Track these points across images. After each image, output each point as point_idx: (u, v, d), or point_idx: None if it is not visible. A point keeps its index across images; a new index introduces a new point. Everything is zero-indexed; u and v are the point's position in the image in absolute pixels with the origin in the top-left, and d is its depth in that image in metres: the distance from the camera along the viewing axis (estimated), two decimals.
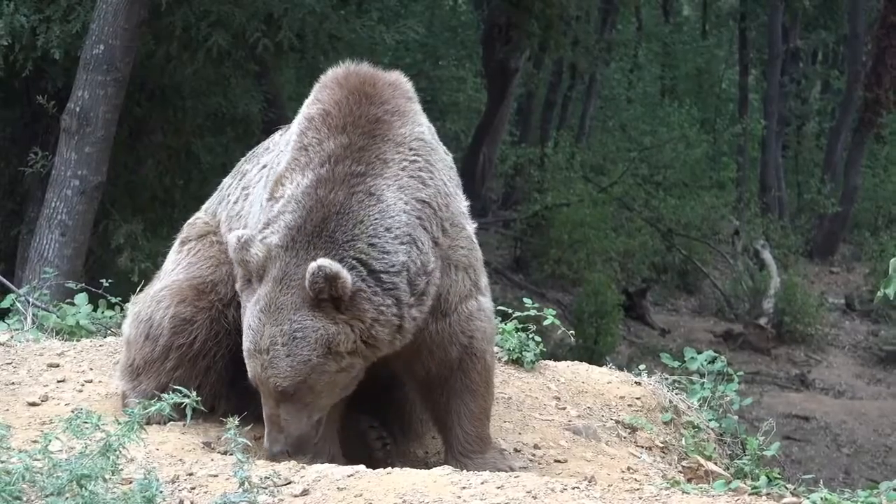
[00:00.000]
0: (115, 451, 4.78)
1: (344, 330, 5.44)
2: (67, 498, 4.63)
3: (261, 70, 18.83)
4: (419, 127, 5.91)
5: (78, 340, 7.67)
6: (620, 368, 7.94)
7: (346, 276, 5.38)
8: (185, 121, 18.18)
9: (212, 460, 5.58)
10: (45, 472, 4.72)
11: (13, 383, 6.52)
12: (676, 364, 7.85)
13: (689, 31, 45.05)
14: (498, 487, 5.08)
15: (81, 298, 8.55)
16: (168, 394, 5.09)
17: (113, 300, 8.71)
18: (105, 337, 7.87)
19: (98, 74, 14.21)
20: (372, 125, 5.77)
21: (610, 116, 40.32)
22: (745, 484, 6.17)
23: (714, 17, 44.67)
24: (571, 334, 8.50)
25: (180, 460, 5.58)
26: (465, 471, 5.46)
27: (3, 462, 4.75)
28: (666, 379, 7.70)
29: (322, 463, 5.54)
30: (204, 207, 6.64)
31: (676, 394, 7.61)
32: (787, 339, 29.38)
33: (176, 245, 6.49)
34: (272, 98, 19.47)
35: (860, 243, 35.93)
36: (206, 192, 6.88)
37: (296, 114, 6.04)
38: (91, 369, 6.83)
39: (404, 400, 6.32)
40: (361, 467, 5.39)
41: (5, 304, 8.72)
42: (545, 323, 7.88)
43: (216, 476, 5.35)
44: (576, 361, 7.97)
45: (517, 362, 7.56)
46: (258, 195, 5.99)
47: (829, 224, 35.36)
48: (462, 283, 5.88)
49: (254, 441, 5.82)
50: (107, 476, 4.71)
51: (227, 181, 6.57)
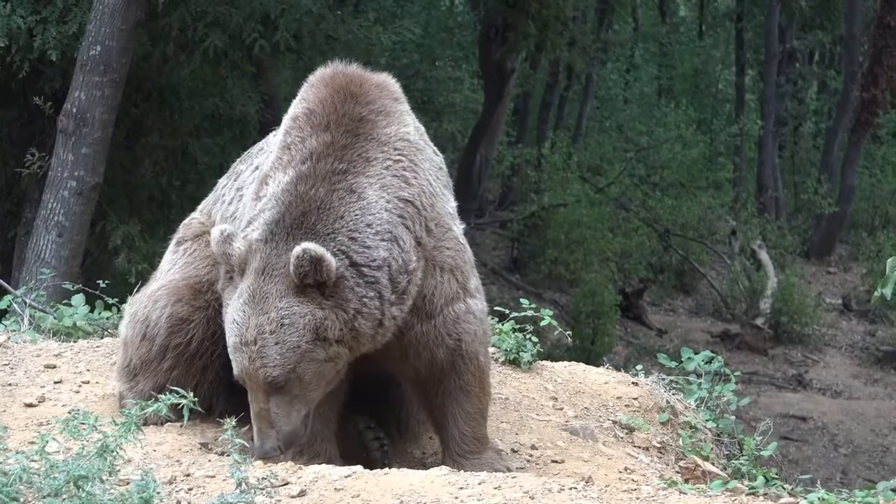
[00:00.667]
0: (113, 452, 4.77)
1: (330, 315, 5.41)
2: (65, 499, 4.63)
3: (257, 71, 18.83)
4: (405, 127, 5.89)
5: (75, 341, 7.67)
6: (617, 369, 7.95)
7: (331, 259, 5.36)
8: (182, 122, 18.19)
9: (209, 461, 5.57)
10: (43, 473, 4.72)
11: (10, 384, 6.52)
12: (673, 364, 7.85)
13: (685, 32, 45.08)
14: (495, 488, 5.08)
15: (78, 299, 8.55)
16: (165, 394, 5.09)
17: (110, 301, 8.70)
18: (102, 338, 7.86)
19: (95, 75, 14.20)
20: (356, 124, 5.75)
21: (607, 117, 40.32)
22: (742, 484, 6.18)
23: (711, 17, 44.69)
24: (568, 335, 8.51)
25: (177, 461, 5.58)
26: (462, 471, 5.46)
27: (0, 463, 4.75)
28: (663, 379, 7.71)
29: (319, 464, 5.53)
30: (200, 208, 6.64)
31: (674, 394, 7.61)
32: (785, 339, 29.38)
33: (172, 245, 6.49)
34: (269, 99, 19.47)
35: (857, 243, 35.93)
36: (202, 192, 6.88)
37: None
38: (88, 370, 6.82)
39: (401, 400, 6.32)
40: (359, 468, 5.39)
41: (2, 305, 8.70)
42: (542, 323, 7.88)
43: (213, 477, 5.35)
44: (573, 362, 7.97)
45: (514, 363, 7.56)
46: (249, 194, 5.99)
47: (826, 224, 35.36)
48: (448, 285, 5.85)
49: (251, 442, 5.83)
50: (104, 477, 4.71)
51: (222, 182, 6.57)
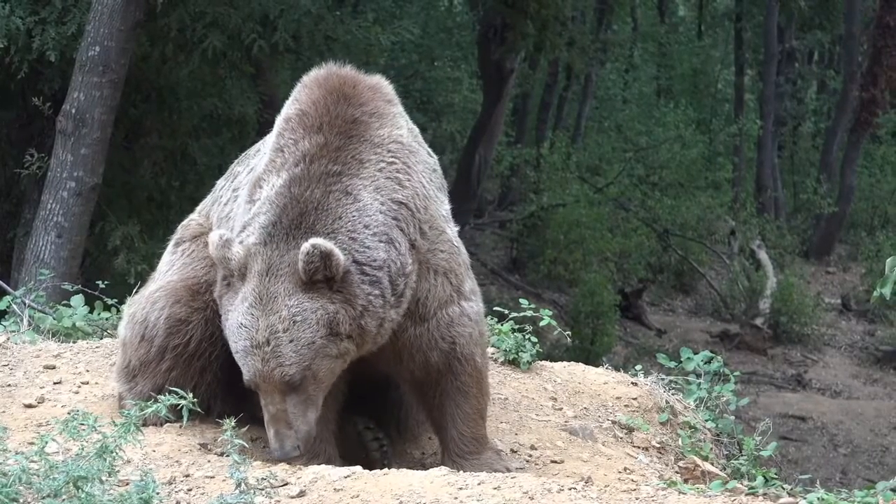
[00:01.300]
0: (112, 452, 4.77)
1: (340, 310, 5.40)
2: (64, 500, 4.62)
3: (256, 71, 18.83)
4: (398, 130, 5.88)
5: (74, 342, 7.67)
6: (617, 369, 7.94)
7: (339, 253, 5.35)
8: (181, 122, 18.18)
9: (208, 462, 5.57)
10: (42, 473, 4.72)
11: (9, 385, 6.51)
12: (673, 364, 7.85)
13: (684, 32, 45.09)
14: (495, 488, 5.08)
15: (77, 300, 8.55)
16: (164, 395, 5.09)
17: (109, 302, 8.70)
18: (101, 338, 7.86)
19: (94, 76, 14.20)
20: (349, 125, 5.74)
21: (606, 117, 40.32)
22: (741, 484, 6.17)
23: (710, 17, 44.71)
24: (568, 335, 8.50)
25: (177, 462, 5.57)
26: (461, 472, 5.46)
27: None
28: (662, 379, 7.71)
29: (319, 464, 5.53)
30: (198, 209, 6.64)
31: (673, 394, 7.61)
32: (784, 339, 29.39)
33: (170, 246, 6.48)
34: (268, 99, 19.44)
35: (856, 243, 35.94)
36: (201, 193, 6.88)
37: None
38: (87, 371, 6.82)
39: (400, 401, 6.32)
40: (358, 468, 5.39)
41: (1, 305, 8.70)
42: (541, 323, 7.88)
43: (213, 477, 5.34)
44: (572, 362, 7.97)
45: (513, 363, 7.55)
46: (243, 197, 5.99)
47: (826, 224, 35.37)
48: (442, 288, 5.84)
49: (250, 442, 5.82)
50: (103, 478, 4.71)
51: (220, 183, 6.56)
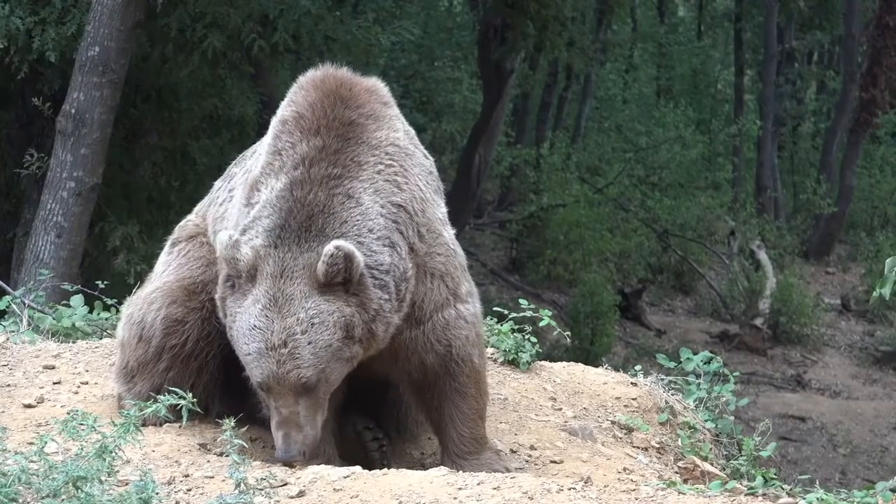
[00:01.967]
0: (111, 452, 4.77)
1: (356, 312, 5.41)
2: (63, 500, 4.63)
3: (256, 71, 18.83)
4: (395, 132, 5.88)
5: (74, 342, 7.67)
6: (616, 369, 7.94)
7: (360, 255, 5.37)
8: (181, 122, 18.18)
9: (208, 462, 5.57)
10: (42, 473, 4.72)
11: (9, 385, 6.51)
12: (672, 365, 7.85)
13: (684, 32, 45.07)
14: (494, 488, 5.08)
15: (77, 300, 8.55)
16: (163, 395, 5.09)
17: (109, 302, 8.70)
18: (101, 339, 7.86)
19: (93, 76, 14.20)
20: (346, 128, 5.74)
21: (605, 117, 40.33)
22: (741, 484, 6.17)
23: (709, 17, 44.71)
24: (567, 335, 8.49)
25: (176, 462, 5.57)
26: (461, 472, 5.46)
27: None
28: (662, 379, 7.71)
29: (318, 464, 5.53)
30: (195, 210, 6.64)
31: (672, 394, 7.61)
32: (783, 339, 29.39)
33: (167, 247, 6.48)
34: (268, 99, 19.43)
35: (856, 244, 35.93)
36: (201, 193, 6.88)
37: None
38: (87, 371, 6.82)
39: (399, 401, 6.32)
40: (357, 468, 5.39)
41: (1, 305, 8.70)
42: (541, 324, 7.88)
43: (212, 477, 5.35)
44: (572, 362, 7.97)
45: (513, 363, 7.55)
46: (238, 198, 5.99)
47: (825, 224, 35.36)
48: (438, 292, 5.84)
49: (250, 442, 5.82)
50: (103, 478, 4.71)
51: (217, 184, 6.57)
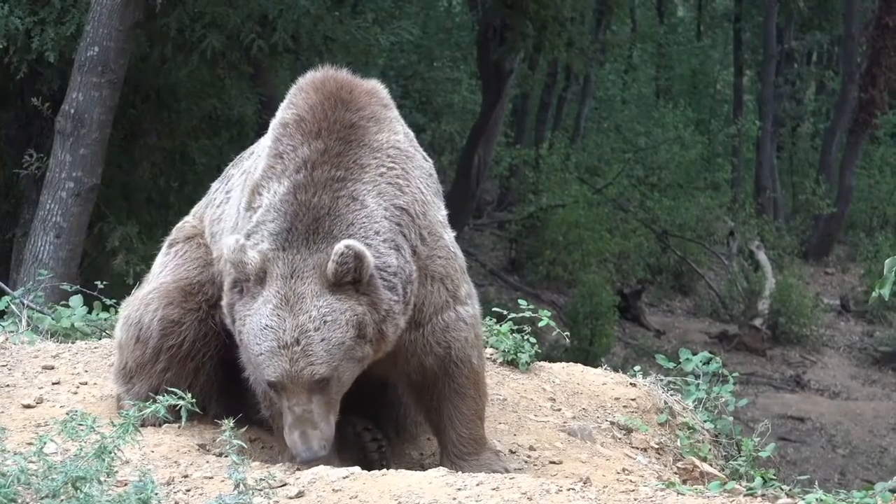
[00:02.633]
0: (111, 453, 4.77)
1: (368, 312, 5.40)
2: (62, 500, 4.62)
3: (255, 72, 18.82)
4: (395, 135, 5.88)
5: (73, 342, 7.67)
6: (615, 370, 7.94)
7: (370, 256, 5.37)
8: (180, 123, 18.17)
9: (207, 462, 5.57)
10: (41, 474, 4.72)
11: (8, 385, 6.51)
12: (672, 365, 7.86)
13: (683, 32, 45.08)
14: (493, 489, 5.08)
15: (76, 300, 8.55)
16: (161, 396, 5.09)
17: (108, 302, 8.71)
18: (100, 339, 7.87)
19: (92, 76, 14.19)
20: (347, 130, 5.74)
21: (605, 117, 40.33)
22: (740, 485, 6.17)
23: (709, 18, 44.72)
24: (566, 336, 8.49)
25: (175, 462, 5.57)
26: (460, 472, 5.47)
27: None
28: (661, 380, 7.71)
29: (317, 465, 5.53)
30: (193, 211, 6.65)
31: (672, 395, 7.61)
32: (783, 340, 29.40)
33: (164, 248, 6.49)
34: (267, 100, 19.43)
35: (855, 244, 35.95)
36: (200, 194, 6.88)
37: None
38: (86, 371, 6.82)
39: (398, 402, 6.32)
40: (356, 469, 5.38)
41: (0, 305, 8.71)
42: (540, 324, 7.88)
43: (211, 478, 5.35)
44: (571, 363, 7.97)
45: (512, 364, 7.55)
46: (236, 199, 5.98)
47: (824, 225, 35.37)
48: (438, 294, 5.84)
49: (249, 443, 5.83)
50: (102, 478, 4.71)
51: (214, 186, 6.57)
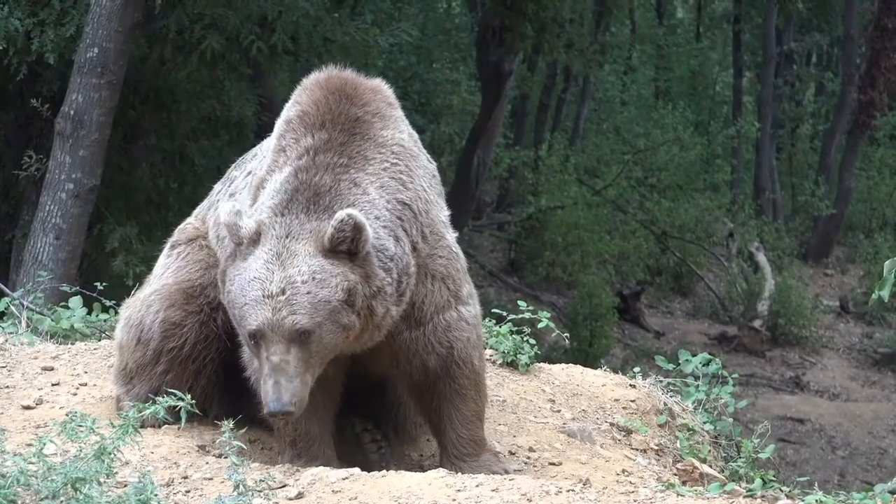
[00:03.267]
0: (110, 454, 4.78)
1: (360, 281, 5.38)
2: (62, 501, 4.63)
3: (255, 73, 18.81)
4: (400, 133, 5.88)
5: (72, 344, 7.67)
6: (615, 371, 7.95)
7: (370, 229, 5.36)
8: (179, 124, 18.16)
9: (206, 463, 5.57)
10: (40, 475, 4.72)
11: (8, 387, 6.52)
12: (671, 366, 7.86)
13: (682, 34, 45.06)
14: (493, 490, 5.08)
15: (76, 302, 8.55)
16: (161, 397, 5.09)
17: (107, 303, 8.71)
18: (99, 340, 7.87)
19: (92, 77, 14.18)
20: (352, 123, 5.74)
21: (604, 119, 40.33)
22: (739, 486, 6.17)
23: (708, 19, 44.69)
24: (566, 337, 8.49)
25: (175, 463, 5.58)
26: (459, 473, 5.47)
27: None
28: (660, 381, 7.71)
29: (317, 466, 5.53)
30: (195, 213, 6.65)
31: (671, 396, 7.62)
32: (782, 341, 29.40)
33: (166, 249, 6.49)
34: (266, 101, 19.44)
35: (854, 245, 35.95)
36: (200, 195, 6.88)
37: None
38: (86, 372, 6.82)
39: (398, 403, 6.32)
40: (356, 470, 5.39)
41: (0, 307, 8.70)
42: (540, 325, 7.89)
43: (211, 479, 5.35)
44: (570, 364, 7.97)
45: (512, 365, 7.56)
46: (242, 201, 5.98)
47: (824, 226, 35.37)
48: (439, 294, 5.84)
49: (248, 444, 5.83)
50: (101, 479, 4.71)
51: (217, 187, 6.57)
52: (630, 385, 7.59)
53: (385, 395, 6.29)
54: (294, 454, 5.79)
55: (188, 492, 5.24)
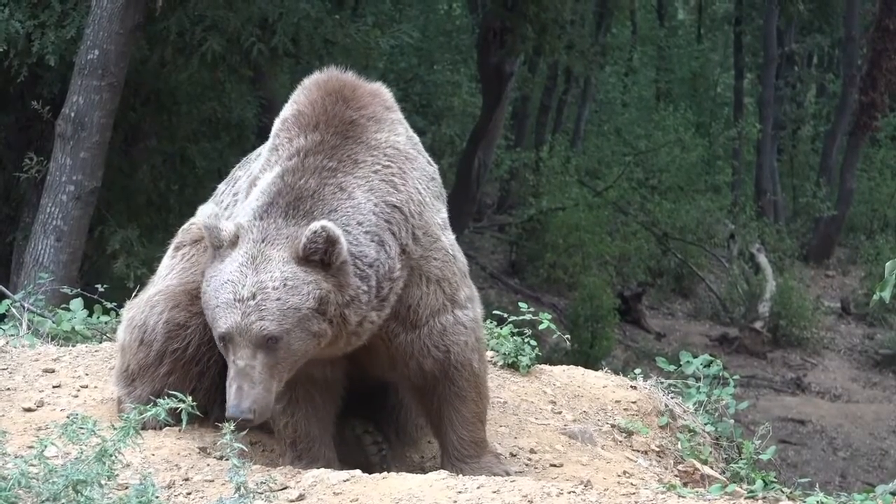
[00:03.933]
0: (111, 456, 4.77)
1: (333, 290, 5.40)
2: (63, 503, 4.62)
3: (255, 75, 18.81)
4: (396, 136, 5.88)
5: (73, 346, 7.67)
6: (616, 372, 7.95)
7: (345, 242, 5.37)
8: (180, 126, 18.17)
9: (208, 465, 5.57)
10: (41, 477, 4.71)
11: (9, 389, 6.51)
12: (672, 368, 7.85)
13: (684, 35, 45.07)
14: (494, 492, 5.08)
15: (77, 304, 8.54)
16: (163, 399, 5.09)
17: (108, 305, 8.70)
18: (100, 342, 7.87)
19: (93, 79, 14.19)
20: (346, 126, 5.75)
21: (605, 120, 40.31)
22: (741, 488, 6.18)
23: (709, 20, 44.70)
24: (567, 338, 8.49)
25: (176, 465, 5.57)
26: (460, 475, 5.46)
27: None
28: (662, 383, 7.71)
29: (318, 468, 5.53)
30: (198, 213, 6.63)
31: (672, 398, 7.61)
32: (783, 342, 29.38)
33: (170, 250, 6.48)
34: (267, 103, 19.44)
35: (856, 247, 35.93)
36: (200, 197, 6.88)
37: None
38: (87, 374, 6.82)
39: (399, 405, 6.32)
40: (357, 472, 5.39)
41: (1, 309, 8.70)
42: (541, 327, 7.88)
43: (212, 481, 5.35)
44: (571, 365, 7.97)
45: (513, 366, 7.56)
46: (242, 199, 6.00)
47: (825, 227, 35.36)
48: (434, 297, 5.83)
49: (250, 446, 5.82)
50: (103, 481, 4.70)
51: (221, 187, 6.58)
52: (631, 386, 7.59)
53: (386, 397, 6.29)
54: (295, 456, 5.79)
55: (189, 494, 5.23)
